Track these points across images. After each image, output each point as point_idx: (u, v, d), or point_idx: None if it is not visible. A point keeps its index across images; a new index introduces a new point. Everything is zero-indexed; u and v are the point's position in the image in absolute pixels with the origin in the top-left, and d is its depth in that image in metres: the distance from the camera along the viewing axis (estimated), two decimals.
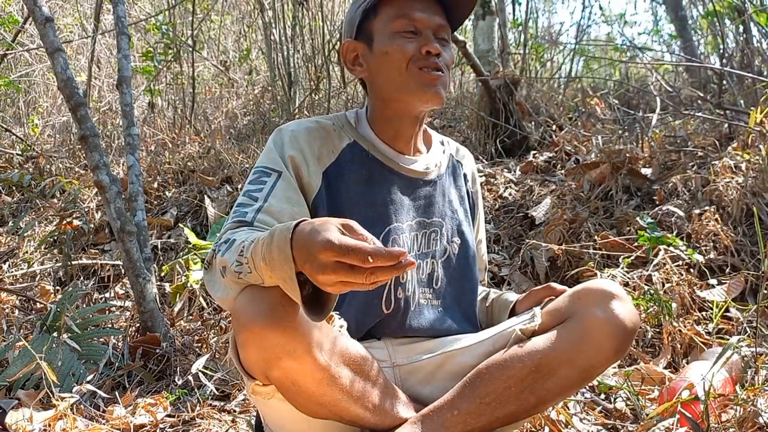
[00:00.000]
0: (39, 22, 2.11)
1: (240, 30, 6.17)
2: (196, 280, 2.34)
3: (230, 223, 1.10)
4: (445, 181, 1.32)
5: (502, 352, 1.12)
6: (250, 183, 1.16)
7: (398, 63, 1.18)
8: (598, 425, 1.45)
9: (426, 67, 1.18)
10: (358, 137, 1.26)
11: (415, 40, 1.18)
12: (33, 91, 6.01)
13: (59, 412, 1.50)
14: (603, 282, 1.12)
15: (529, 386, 1.08)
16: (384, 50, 1.19)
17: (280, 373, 0.98)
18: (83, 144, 2.12)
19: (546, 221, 2.48)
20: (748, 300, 1.98)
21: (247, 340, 0.96)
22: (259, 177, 1.16)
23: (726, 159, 2.43)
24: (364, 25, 1.22)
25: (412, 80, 1.18)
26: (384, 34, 1.20)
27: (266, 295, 0.95)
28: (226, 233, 1.07)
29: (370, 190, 1.22)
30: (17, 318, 2.35)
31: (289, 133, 1.21)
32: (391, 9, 1.20)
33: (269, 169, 1.17)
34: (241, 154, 3.66)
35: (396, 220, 1.22)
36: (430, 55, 1.18)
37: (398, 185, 1.24)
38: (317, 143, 1.21)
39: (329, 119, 1.28)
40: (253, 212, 1.10)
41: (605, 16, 8.19)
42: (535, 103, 3.74)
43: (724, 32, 3.62)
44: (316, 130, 1.23)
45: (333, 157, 1.22)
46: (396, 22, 1.18)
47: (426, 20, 1.19)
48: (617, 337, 1.07)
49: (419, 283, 1.23)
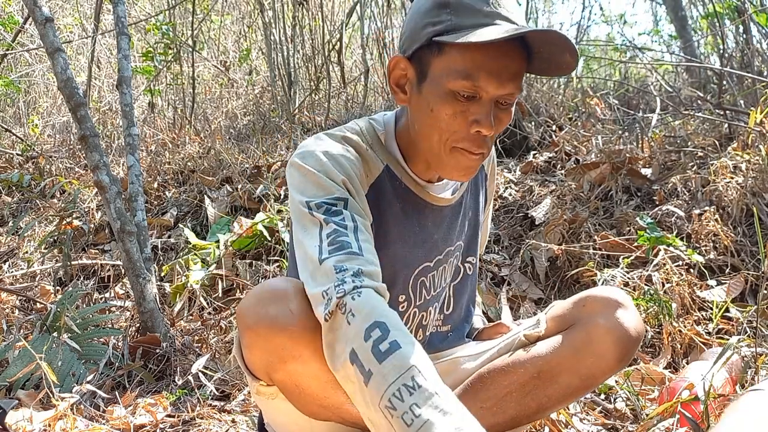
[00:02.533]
0: (39, 23, 2.11)
1: (240, 30, 6.17)
2: (196, 280, 2.34)
3: (336, 255, 0.92)
4: (468, 194, 1.22)
5: (505, 356, 1.12)
6: (325, 213, 0.96)
7: (440, 132, 1.00)
8: (598, 425, 1.45)
9: (467, 149, 1.00)
10: (390, 160, 1.10)
11: (468, 110, 0.98)
12: (33, 91, 6.02)
13: (59, 412, 1.50)
14: (608, 290, 1.11)
15: (530, 392, 1.07)
16: (431, 105, 0.99)
17: (285, 375, 0.98)
18: (83, 144, 2.12)
19: (546, 221, 2.48)
20: (748, 300, 1.98)
21: (253, 342, 0.96)
22: (329, 209, 0.97)
23: (726, 159, 2.43)
24: (425, 52, 0.99)
25: (445, 155, 1.02)
26: (439, 84, 0.98)
27: (273, 297, 0.95)
28: (344, 271, 0.90)
29: (404, 226, 1.11)
30: (17, 318, 2.35)
31: (326, 156, 1.02)
32: (459, 58, 0.95)
33: (335, 199, 0.98)
34: (241, 155, 3.66)
35: (426, 259, 1.15)
36: (479, 135, 0.99)
37: (429, 218, 1.14)
38: (354, 169, 1.04)
39: (358, 134, 1.10)
40: (356, 243, 0.94)
41: (605, 17, 8.18)
42: (535, 103, 3.74)
43: (724, 32, 3.62)
44: (349, 153, 1.06)
45: (369, 181, 1.08)
46: (457, 81, 0.95)
47: (494, 90, 0.96)
48: (620, 347, 1.05)
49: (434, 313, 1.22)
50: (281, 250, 2.47)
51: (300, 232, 0.98)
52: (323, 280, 0.91)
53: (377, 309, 0.87)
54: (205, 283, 2.36)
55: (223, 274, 2.37)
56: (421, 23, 0.99)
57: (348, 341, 0.85)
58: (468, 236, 1.24)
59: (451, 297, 1.25)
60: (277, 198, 2.88)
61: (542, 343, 1.11)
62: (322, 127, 4.02)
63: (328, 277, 0.90)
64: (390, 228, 1.09)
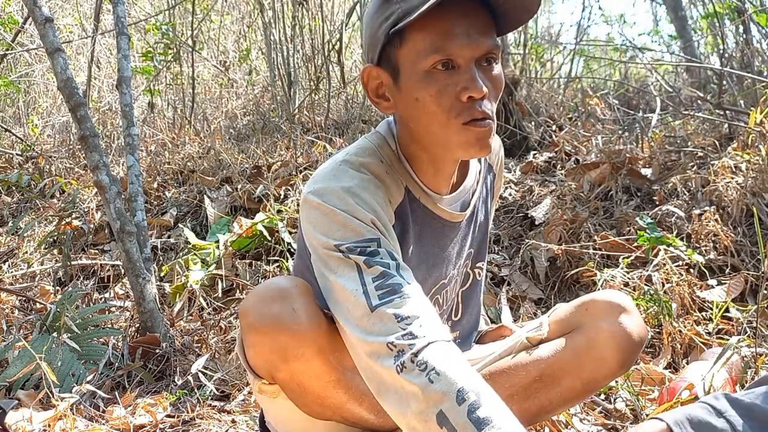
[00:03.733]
0: (39, 22, 2.11)
1: (240, 30, 6.17)
2: (196, 280, 2.34)
3: (395, 299, 0.88)
4: (479, 202, 1.18)
5: (507, 359, 1.12)
6: (360, 254, 0.91)
7: (435, 116, 0.94)
8: (598, 425, 1.45)
9: (470, 119, 0.92)
10: (406, 178, 1.05)
11: (452, 81, 0.92)
12: (33, 91, 6.01)
13: (59, 412, 1.50)
14: (611, 293, 1.11)
15: (532, 395, 1.07)
16: (414, 96, 0.94)
17: (287, 374, 0.98)
18: (83, 144, 2.12)
19: (546, 221, 2.48)
20: (748, 300, 1.98)
21: (255, 341, 0.96)
22: (365, 250, 0.92)
23: (726, 159, 2.43)
24: (388, 50, 0.96)
25: (454, 137, 0.94)
26: (413, 71, 0.93)
27: (277, 296, 0.95)
28: (411, 331, 0.85)
29: (422, 249, 1.08)
30: (17, 318, 2.34)
31: (348, 192, 0.95)
32: (421, 37, 0.91)
33: (368, 241, 0.92)
34: (241, 155, 3.66)
35: (442, 277, 1.13)
36: (473, 100, 0.92)
37: (445, 236, 1.10)
38: (381, 200, 0.98)
39: (375, 155, 1.03)
40: (405, 283, 0.90)
41: (605, 17, 8.17)
42: (535, 103, 3.75)
43: (724, 32, 3.62)
44: (373, 183, 0.99)
45: (393, 208, 1.02)
46: (428, 58, 0.91)
47: (469, 51, 0.91)
48: (623, 351, 1.05)
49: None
50: (281, 250, 2.46)
51: (330, 275, 0.92)
52: (381, 328, 0.86)
53: (460, 368, 0.83)
54: (205, 284, 2.36)
55: (222, 274, 2.37)
56: (376, 24, 0.96)
57: (433, 402, 0.81)
58: (478, 242, 1.21)
59: (460, 303, 1.23)
60: (277, 198, 2.88)
61: (545, 346, 1.10)
62: (322, 127, 4.02)
63: (387, 325, 0.86)
64: (410, 252, 1.05)
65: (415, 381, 0.82)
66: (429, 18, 0.89)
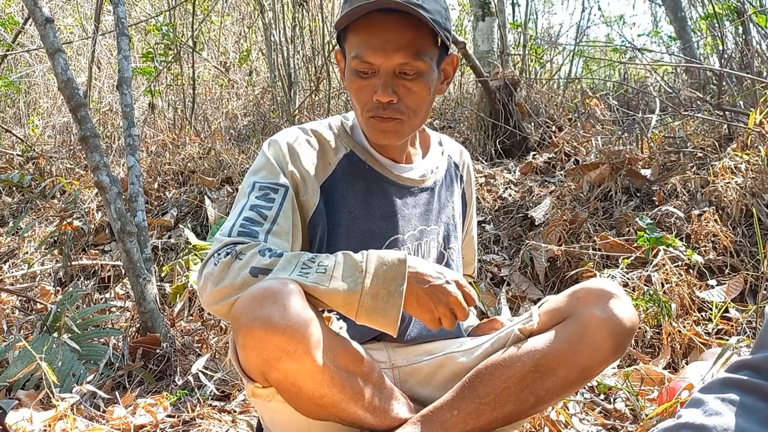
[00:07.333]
0: (39, 23, 2.12)
1: (240, 31, 6.18)
2: (196, 280, 2.34)
3: (239, 237, 1.07)
4: (443, 186, 1.31)
5: (501, 351, 1.12)
6: (257, 198, 1.12)
7: (356, 106, 1.17)
8: (597, 425, 1.45)
9: (375, 115, 1.14)
10: (355, 146, 1.24)
11: (369, 83, 1.12)
12: (33, 91, 6.02)
13: (59, 412, 1.50)
14: (601, 281, 1.13)
15: (528, 386, 1.08)
16: (347, 85, 1.17)
17: (280, 374, 0.98)
18: (83, 145, 2.12)
19: (545, 222, 2.49)
20: (748, 300, 1.99)
21: (247, 342, 0.96)
22: (267, 194, 1.12)
23: (725, 160, 2.43)
24: (341, 43, 1.18)
25: (365, 123, 1.17)
26: (349, 66, 1.14)
27: (267, 297, 0.95)
28: (242, 243, 1.05)
29: (369, 202, 1.21)
30: (17, 318, 2.35)
31: (287, 146, 1.18)
32: (353, 41, 1.12)
33: (276, 185, 1.13)
34: (241, 155, 3.67)
35: (397, 231, 1.22)
36: (379, 102, 1.12)
37: (396, 195, 1.23)
38: (314, 157, 1.19)
39: (326, 127, 1.25)
40: (264, 234, 1.08)
41: (604, 18, 8.19)
42: (535, 104, 3.74)
43: (724, 33, 3.62)
44: (312, 142, 1.21)
45: (330, 169, 1.20)
46: (353, 61, 1.11)
47: (383, 62, 1.09)
48: (616, 337, 1.07)
49: None
50: None
51: (235, 203, 1.15)
52: (218, 246, 1.06)
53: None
54: None
55: None
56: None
57: (242, 267, 1.01)
58: (446, 225, 1.30)
59: None
60: None
61: (538, 336, 1.11)
62: None
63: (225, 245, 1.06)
64: (355, 205, 1.19)
65: (227, 265, 1.03)
66: (360, 25, 1.09)
